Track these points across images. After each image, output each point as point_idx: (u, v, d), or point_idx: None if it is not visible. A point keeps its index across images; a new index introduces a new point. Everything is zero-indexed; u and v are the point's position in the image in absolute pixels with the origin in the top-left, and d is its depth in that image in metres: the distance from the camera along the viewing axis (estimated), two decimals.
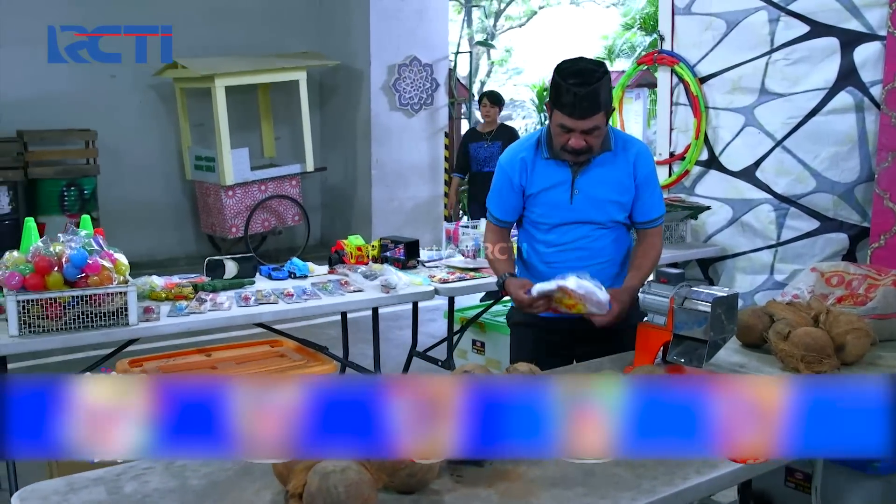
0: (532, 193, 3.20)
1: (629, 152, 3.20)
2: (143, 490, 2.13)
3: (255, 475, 2.18)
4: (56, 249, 3.65)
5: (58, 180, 8.88)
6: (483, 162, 7.84)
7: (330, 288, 4.43)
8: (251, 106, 10.30)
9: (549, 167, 3.17)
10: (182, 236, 10.15)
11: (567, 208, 3.18)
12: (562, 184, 3.16)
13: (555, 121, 3.04)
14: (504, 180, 3.25)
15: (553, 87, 3.04)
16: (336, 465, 1.90)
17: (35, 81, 9.16)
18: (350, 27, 10.16)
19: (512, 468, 2.25)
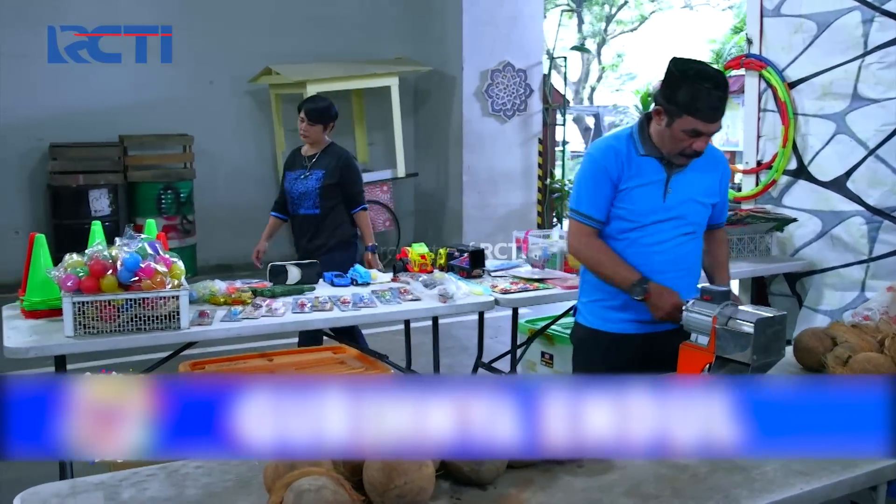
0: (626, 188, 3.09)
1: (717, 157, 3.20)
2: (139, 497, 2.12)
3: (252, 488, 2.14)
4: (112, 253, 3.72)
5: (155, 183, 9.16)
6: (297, 200, 5.41)
7: (388, 296, 4.39)
8: (345, 111, 10.37)
9: (643, 164, 3.09)
10: (276, 240, 10.25)
11: (660, 207, 3.09)
12: (656, 182, 3.08)
13: (682, 125, 2.95)
14: (599, 171, 3.10)
15: (683, 90, 2.92)
16: (312, 483, 1.84)
17: (136, 88, 9.46)
18: (443, 33, 10.16)
19: (515, 493, 2.15)
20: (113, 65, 9.30)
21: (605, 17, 24.92)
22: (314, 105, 5.54)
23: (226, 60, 9.82)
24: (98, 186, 8.83)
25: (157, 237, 4.26)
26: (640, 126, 3.13)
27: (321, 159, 5.44)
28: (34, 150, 9.13)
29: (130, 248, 3.75)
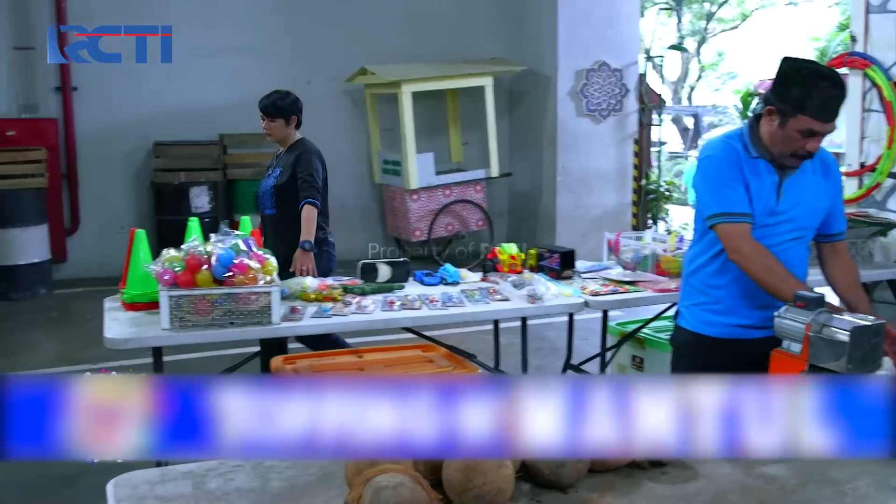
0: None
1: (828, 161, 3.11)
2: (224, 487, 2.17)
3: (334, 482, 2.17)
4: (207, 249, 3.83)
5: (254, 181, 9.30)
6: (260, 200, 5.21)
7: (476, 296, 4.40)
8: (440, 111, 10.46)
9: (756, 166, 3.01)
10: (370, 238, 10.43)
11: (773, 210, 3.01)
12: (769, 184, 3.00)
13: (796, 125, 2.86)
14: (731, 167, 2.99)
15: (798, 88, 2.85)
16: (390, 480, 1.86)
17: (236, 87, 9.69)
18: (538, 32, 10.11)
19: (596, 498, 2.13)
20: (215, 65, 9.56)
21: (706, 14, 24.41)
22: (270, 100, 5.12)
23: (323, 61, 9.98)
24: (198, 184, 9.09)
25: (252, 234, 4.36)
26: (749, 128, 3.04)
27: (282, 157, 5.15)
28: (139, 149, 9.46)
29: (225, 244, 3.85)
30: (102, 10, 9.25)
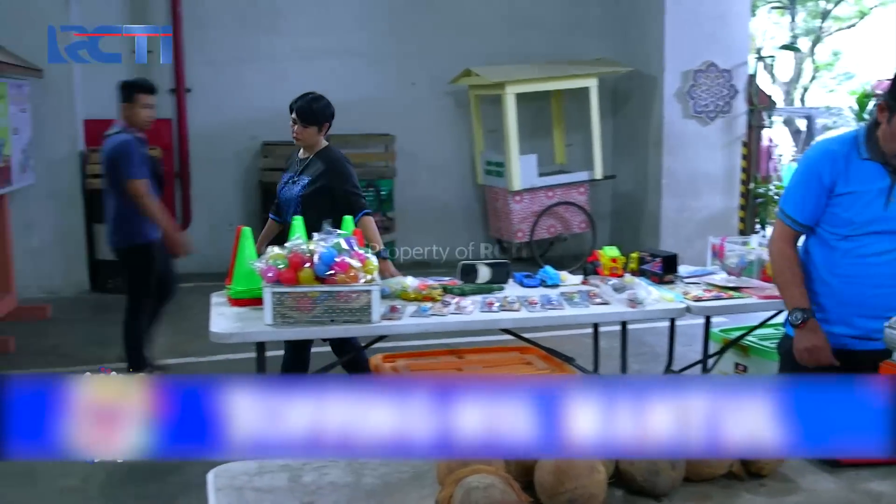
0: (841, 193, 2.95)
1: None
2: (319, 482, 2.21)
3: (426, 481, 2.19)
4: (310, 247, 3.90)
5: None
6: (284, 207, 4.94)
7: (576, 299, 4.36)
8: (544, 112, 10.42)
9: (865, 169, 2.93)
10: (472, 239, 10.45)
11: (880, 215, 2.92)
12: (878, 189, 2.92)
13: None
14: (811, 176, 2.99)
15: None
16: (481, 481, 1.87)
17: (342, 89, 9.84)
18: (645, 33, 9.96)
19: None
20: (322, 66, 9.75)
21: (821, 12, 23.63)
22: (307, 105, 4.80)
23: (428, 62, 10.06)
24: None
25: (354, 233, 4.42)
26: (868, 129, 2.95)
27: (310, 165, 4.83)
28: (248, 149, 9.72)
29: (327, 243, 3.92)
30: (214, 14, 9.55)
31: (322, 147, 4.87)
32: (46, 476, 4.48)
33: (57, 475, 4.47)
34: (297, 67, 9.69)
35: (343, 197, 4.76)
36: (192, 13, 9.45)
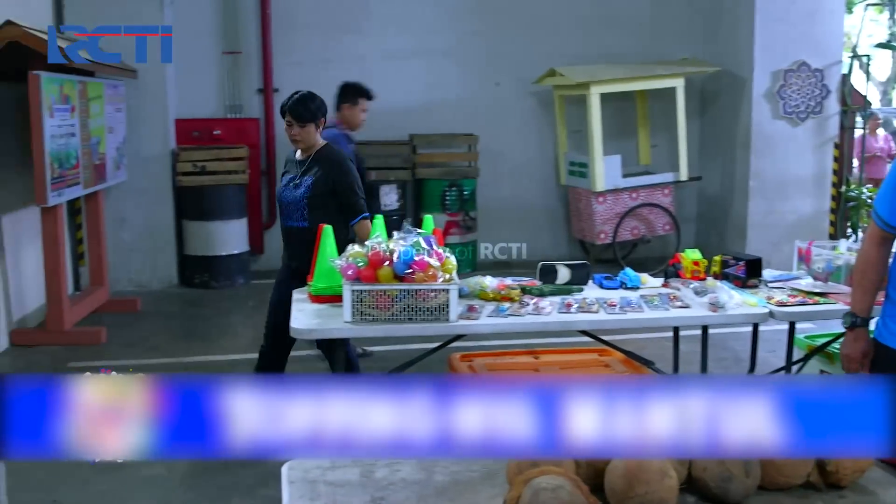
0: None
1: None
2: (390, 478, 2.24)
3: (496, 480, 2.20)
4: (389, 246, 3.95)
5: (441, 181, 9.55)
6: (286, 211, 4.83)
7: (656, 301, 4.31)
8: (629, 113, 10.30)
9: None
10: (554, 239, 10.43)
11: None
12: None
13: None
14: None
15: None
16: (550, 482, 1.87)
17: (427, 89, 9.94)
18: (733, 32, 9.77)
19: None
20: (407, 67, 9.84)
21: None
22: (301, 104, 4.64)
23: (512, 62, 10.05)
24: (388, 182, 9.36)
25: (433, 232, 4.45)
26: None
27: (312, 165, 4.69)
28: None
29: (406, 242, 3.96)
30: (302, 15, 9.71)
31: (321, 146, 4.74)
32: (130, 465, 4.62)
33: (140, 464, 4.61)
34: (381, 68, 9.79)
35: (344, 195, 4.68)
36: (281, 15, 9.63)
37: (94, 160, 7.45)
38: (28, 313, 7.24)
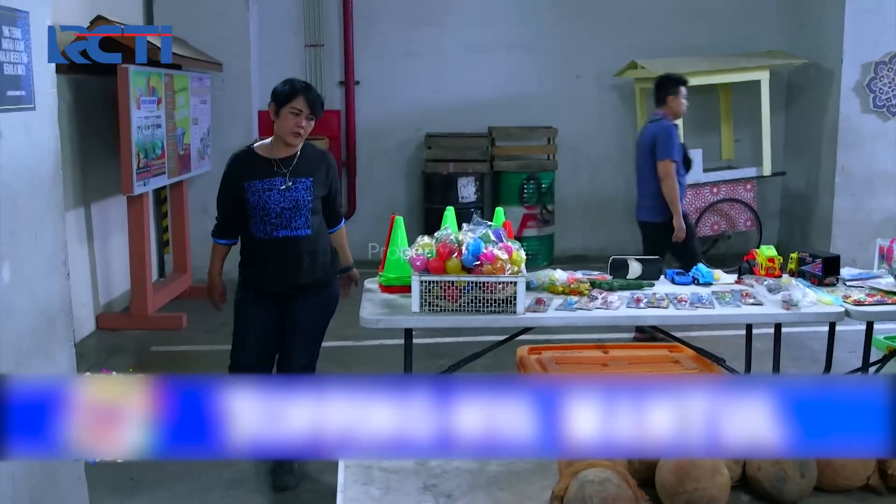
0: None
1: None
2: (444, 466, 2.28)
3: (549, 472, 2.21)
4: (458, 238, 3.98)
5: (519, 173, 9.54)
6: (278, 219, 4.09)
7: (728, 298, 4.25)
8: (712, 106, 10.11)
9: None
10: (634, 233, 10.27)
11: None
12: None
13: None
14: None
15: None
16: (597, 475, 1.87)
17: (506, 82, 9.94)
18: (821, 23, 9.50)
19: None
20: (486, 60, 9.87)
21: None
22: (320, 98, 4.10)
23: (593, 55, 9.96)
24: (466, 174, 9.38)
25: (503, 225, 4.47)
26: None
27: (304, 163, 4.11)
28: (412, 140, 9.93)
29: (475, 233, 3.99)
30: (383, 8, 9.80)
31: (309, 142, 4.22)
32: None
33: None
34: (461, 61, 9.84)
35: (335, 198, 4.34)
36: (362, 8, 9.74)
37: (178, 151, 7.66)
38: (114, 298, 7.49)
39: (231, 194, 4.14)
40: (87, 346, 6.70)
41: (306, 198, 4.08)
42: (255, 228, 4.12)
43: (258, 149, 4.14)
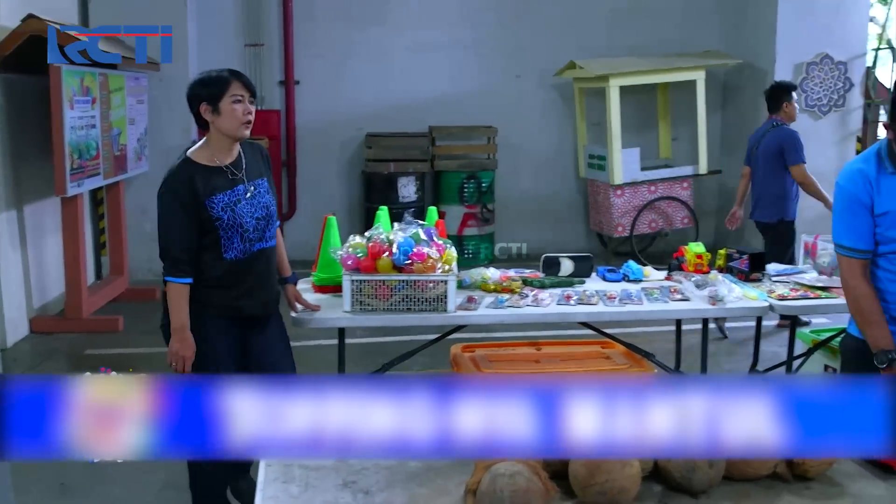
0: (879, 214, 2.88)
1: None
2: (365, 462, 2.29)
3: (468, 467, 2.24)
4: (389, 237, 4.00)
5: (459, 173, 9.59)
6: (254, 232, 3.58)
7: (656, 294, 4.33)
8: (650, 106, 10.27)
9: (894, 184, 2.86)
10: (573, 232, 10.43)
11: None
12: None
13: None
14: (852, 201, 2.91)
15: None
16: (508, 469, 1.91)
17: (448, 82, 9.98)
18: (756, 24, 9.70)
19: None
20: (428, 59, 9.90)
21: None
22: (249, 79, 3.70)
23: (533, 55, 10.05)
24: (407, 174, 9.40)
25: (436, 224, 4.50)
26: (888, 142, 2.87)
27: (251, 163, 3.66)
28: (353, 140, 9.92)
29: (406, 233, 4.01)
30: (325, 8, 9.77)
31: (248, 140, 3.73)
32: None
33: None
34: (403, 60, 9.87)
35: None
36: (303, 7, 9.71)
37: (114, 151, 7.57)
38: (49, 301, 7.38)
39: (190, 219, 3.43)
40: (20, 350, 6.60)
41: (272, 201, 3.65)
42: (229, 249, 3.50)
43: (198, 159, 3.52)
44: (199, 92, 3.55)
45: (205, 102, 3.51)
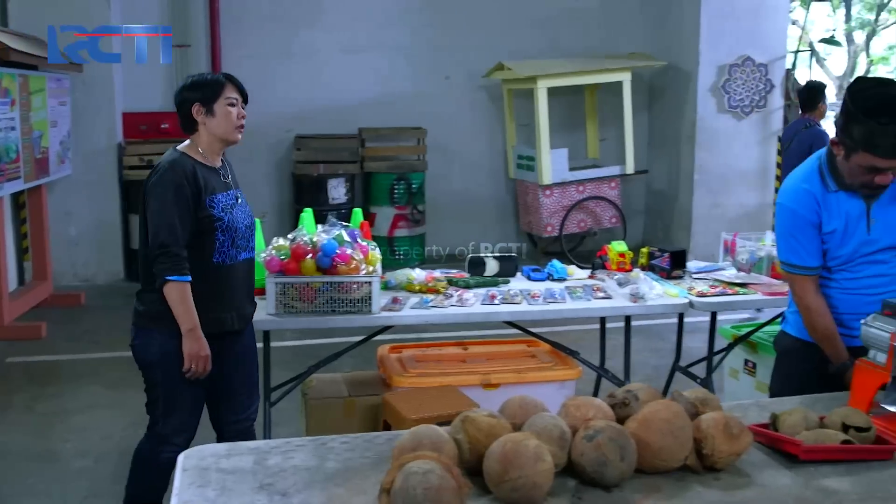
0: (827, 232, 2.94)
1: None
2: (283, 464, 2.29)
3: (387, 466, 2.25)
4: (312, 239, 3.99)
5: (389, 174, 9.59)
6: (243, 240, 3.46)
7: (579, 293, 4.39)
8: (577, 107, 10.40)
9: (839, 200, 2.91)
10: (503, 232, 10.51)
11: (866, 240, 2.93)
12: (857, 216, 2.91)
13: (859, 161, 2.77)
14: (799, 220, 2.94)
15: (857, 126, 2.72)
16: (421, 467, 1.93)
17: (377, 84, 9.98)
18: (680, 26, 9.89)
19: (639, 499, 2.12)
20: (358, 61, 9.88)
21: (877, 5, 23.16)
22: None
23: (462, 56, 10.11)
24: (336, 175, 9.38)
25: (361, 225, 4.51)
26: (827, 159, 2.92)
27: (232, 172, 3.71)
28: (282, 141, 9.86)
29: (329, 234, 4.00)
30: (253, 8, 9.69)
31: None
32: (62, 458, 4.65)
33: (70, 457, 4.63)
34: (333, 62, 9.85)
35: None
36: (231, 7, 9.61)
37: (35, 154, 7.41)
38: None
39: (189, 214, 3.30)
40: None
41: (251, 212, 3.58)
42: (219, 253, 3.36)
43: (195, 155, 3.45)
44: (192, 94, 3.46)
45: (198, 104, 3.44)
